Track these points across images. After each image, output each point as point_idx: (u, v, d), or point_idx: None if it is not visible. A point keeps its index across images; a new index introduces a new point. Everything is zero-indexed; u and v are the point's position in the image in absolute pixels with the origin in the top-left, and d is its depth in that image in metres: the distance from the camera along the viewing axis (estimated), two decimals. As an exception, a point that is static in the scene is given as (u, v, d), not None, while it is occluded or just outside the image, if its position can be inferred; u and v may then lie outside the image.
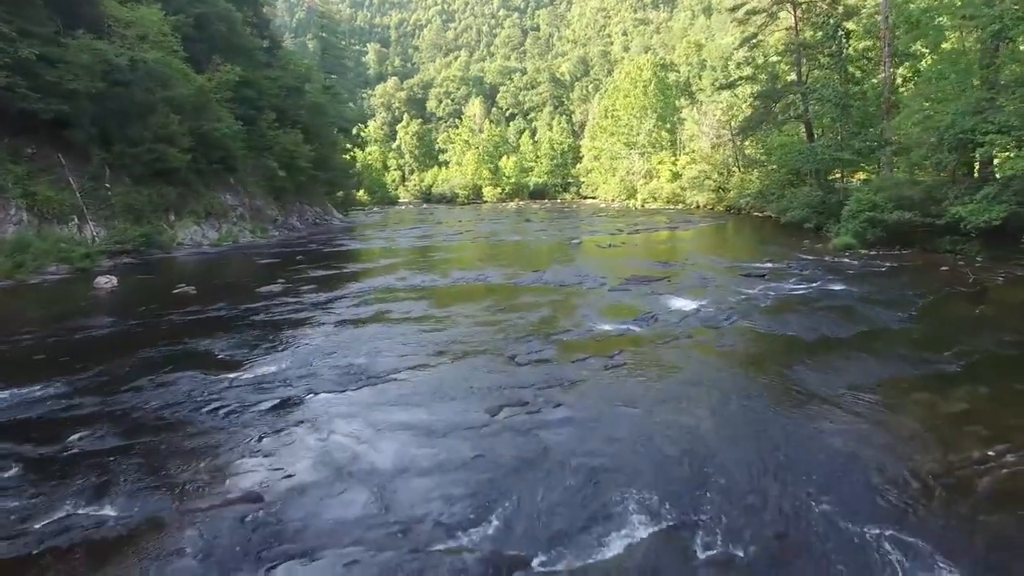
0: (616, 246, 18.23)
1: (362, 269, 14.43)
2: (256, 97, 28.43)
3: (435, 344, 7.45)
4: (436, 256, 16.73)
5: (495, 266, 14.56)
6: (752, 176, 32.31)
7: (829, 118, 20.06)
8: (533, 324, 8.44)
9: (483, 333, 7.97)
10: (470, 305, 10.03)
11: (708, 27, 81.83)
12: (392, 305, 10.11)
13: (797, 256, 15.56)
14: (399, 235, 24.76)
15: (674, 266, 14.20)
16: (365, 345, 7.47)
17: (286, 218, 28.01)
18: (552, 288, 11.53)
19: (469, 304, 10.14)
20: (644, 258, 16.02)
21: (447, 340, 7.64)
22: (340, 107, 39.18)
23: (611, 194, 55.46)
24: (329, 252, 18.43)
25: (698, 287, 11.35)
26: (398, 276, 13.22)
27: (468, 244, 20.08)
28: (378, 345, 7.46)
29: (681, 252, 17.15)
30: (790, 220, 22.42)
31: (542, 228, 26.70)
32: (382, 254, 17.51)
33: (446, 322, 8.72)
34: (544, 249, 18.18)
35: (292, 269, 14.60)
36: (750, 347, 7.25)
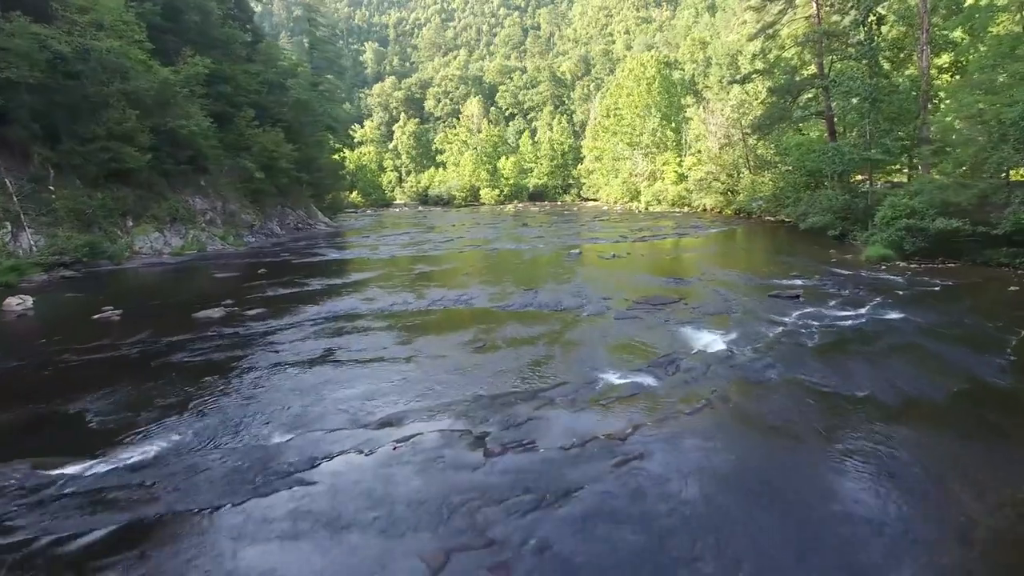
0: (620, 257, 16.28)
1: (327, 286, 12.49)
2: (233, 93, 26.56)
3: (382, 409, 5.50)
4: (417, 269, 14.80)
5: (482, 283, 12.61)
6: (764, 178, 30.32)
7: (856, 114, 18.08)
8: (518, 373, 6.49)
9: (450, 389, 6.02)
10: (443, 341, 8.08)
11: (712, 24, 79.85)
12: (347, 340, 8.17)
13: (828, 270, 13.63)
14: (384, 242, 22.82)
15: (688, 283, 12.24)
16: (288, 413, 5.53)
17: (265, 223, 26.09)
18: (547, 314, 9.59)
19: (442, 339, 8.20)
20: (653, 272, 14.06)
21: (399, 402, 5.69)
22: (329, 105, 37.28)
23: (613, 196, 53.48)
24: (299, 264, 16.50)
25: (721, 313, 9.40)
26: (366, 296, 11.28)
27: (456, 254, 18.14)
28: (305, 412, 5.51)
29: (694, 264, 15.19)
30: (810, 227, 20.47)
31: (540, 234, 24.75)
32: (357, 266, 15.58)
33: (405, 370, 6.76)
34: (540, 261, 16.23)
35: (249, 286, 12.67)
36: (813, 419, 5.27)
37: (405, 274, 13.93)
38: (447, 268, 14.90)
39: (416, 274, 13.93)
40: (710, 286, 11.86)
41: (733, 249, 18.69)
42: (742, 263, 15.50)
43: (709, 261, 15.58)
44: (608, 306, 10.07)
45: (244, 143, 26.54)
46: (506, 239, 22.76)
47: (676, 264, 15.78)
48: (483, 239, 23.05)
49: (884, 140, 17.24)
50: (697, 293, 11.27)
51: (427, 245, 20.83)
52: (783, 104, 21.47)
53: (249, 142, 26.47)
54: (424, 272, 14.23)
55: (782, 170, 28.82)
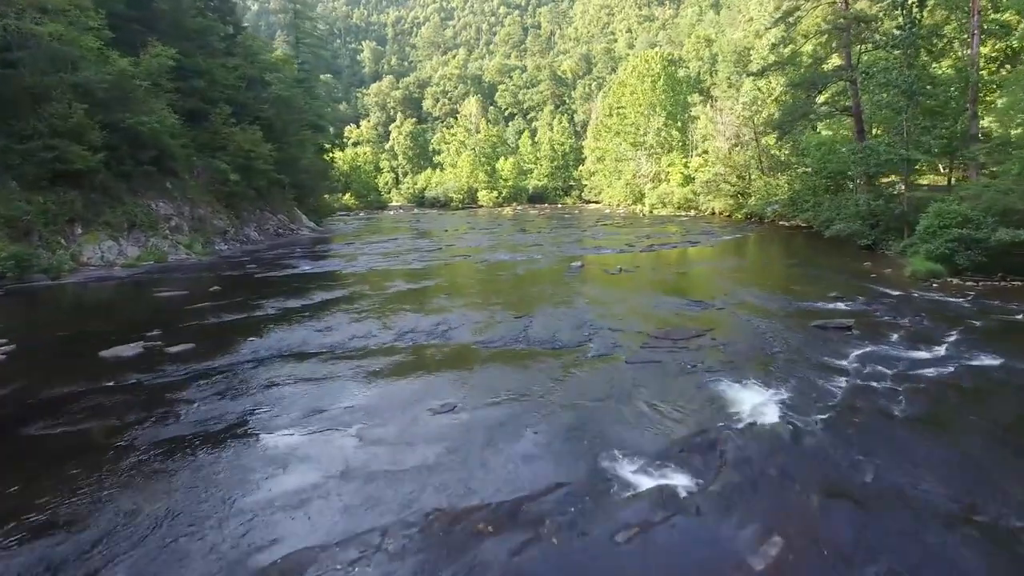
0: (628, 271, 14.29)
1: (281, 311, 10.52)
2: (207, 88, 24.64)
3: (278, 548, 3.51)
4: (393, 287, 12.82)
5: (466, 306, 10.64)
6: (779, 180, 28.35)
7: (890, 110, 16.09)
8: (492, 471, 4.50)
9: (383, 510, 4.01)
10: (398, 402, 6.09)
11: (717, 22, 78.04)
12: (274, 400, 6.19)
13: (870, 288, 11.67)
14: (366, 251, 20.85)
15: (711, 307, 10.26)
16: (140, 550, 3.53)
17: (240, 229, 24.14)
18: (540, 354, 7.62)
19: (398, 398, 6.21)
20: (667, 291, 12.08)
21: (304, 532, 3.68)
22: (315, 102, 35.37)
23: (616, 198, 51.48)
24: (261, 279, 14.53)
25: (761, 354, 7.43)
26: (323, 326, 9.31)
27: (442, 267, 16.17)
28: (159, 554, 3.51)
29: (713, 280, 13.21)
30: (836, 234, 18.50)
31: (538, 242, 22.77)
32: (326, 282, 13.60)
33: (332, 463, 4.73)
34: (537, 276, 14.26)
35: (191, 309, 10.70)
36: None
37: (378, 294, 11.95)
38: (428, 285, 12.92)
39: (391, 294, 11.95)
40: (738, 312, 9.89)
41: (753, 261, 16.70)
42: (768, 279, 13.52)
43: (730, 276, 13.60)
44: (617, 342, 8.09)
45: (219, 142, 24.62)
46: (501, 248, 20.79)
47: (693, 281, 13.80)
48: (475, 247, 21.08)
49: (925, 138, 15.27)
50: (724, 322, 9.30)
51: (412, 255, 18.86)
52: (805, 99, 19.47)
53: (225, 141, 24.54)
54: (401, 291, 12.26)
55: (798, 172, 26.88)
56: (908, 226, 16.40)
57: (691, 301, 10.77)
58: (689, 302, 10.71)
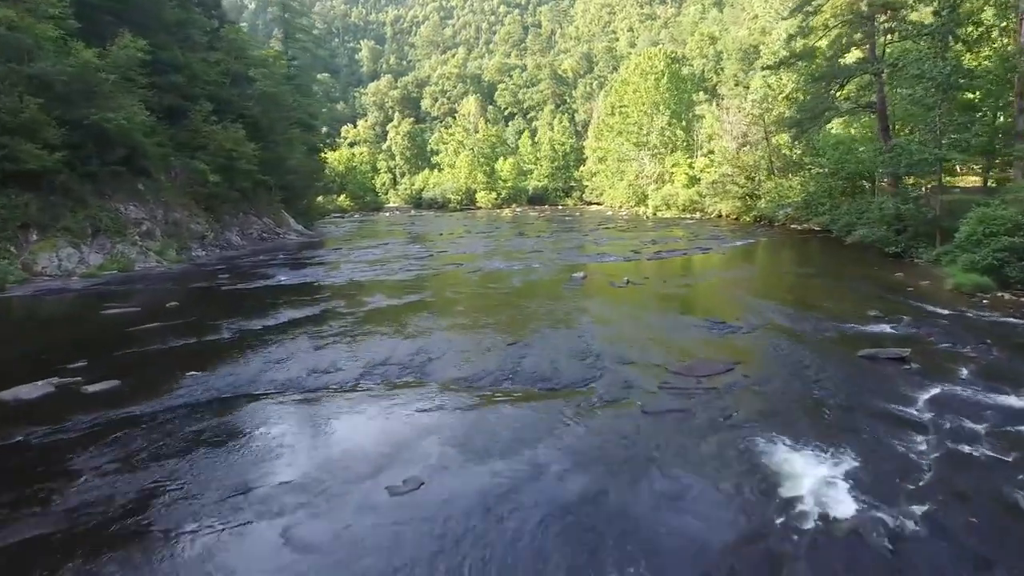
0: (636, 283, 12.87)
1: (238, 335, 9.12)
2: (187, 83, 23.25)
3: None
4: (372, 303, 11.41)
5: (451, 329, 9.23)
6: (791, 182, 26.92)
7: (921, 105, 14.68)
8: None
9: None
10: (358, 468, 4.69)
11: (721, 20, 76.71)
12: (199, 462, 4.81)
13: (912, 305, 10.28)
14: (352, 258, 19.45)
15: (737, 330, 8.84)
16: None
17: (221, 233, 22.73)
18: (535, 398, 6.23)
19: (357, 462, 4.79)
20: (684, 309, 10.67)
21: None
22: (306, 100, 33.96)
23: (618, 200, 50.04)
24: (227, 292, 13.11)
25: (807, 400, 6.06)
26: (280, 356, 7.90)
27: (431, 278, 14.75)
28: None
29: (733, 295, 11.79)
30: (859, 240, 17.07)
31: (537, 247, 21.36)
32: (299, 297, 12.18)
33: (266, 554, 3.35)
34: (535, 289, 12.85)
35: (134, 331, 9.29)
36: None
37: (354, 312, 10.53)
38: (412, 301, 11.50)
39: (368, 311, 10.53)
40: (767, 336, 8.47)
41: (772, 270, 15.28)
42: (793, 292, 12.09)
43: (750, 289, 12.18)
44: (630, 379, 6.68)
45: (199, 141, 23.22)
46: (497, 255, 19.38)
47: (709, 295, 12.37)
48: (469, 254, 19.68)
49: (963, 135, 13.85)
50: (753, 351, 7.88)
51: (401, 263, 17.46)
52: (826, 94, 18.03)
53: (205, 140, 23.14)
54: (380, 309, 10.84)
55: (812, 173, 25.48)
56: (941, 232, 14.99)
57: (711, 321, 9.36)
58: (708, 323, 9.29)
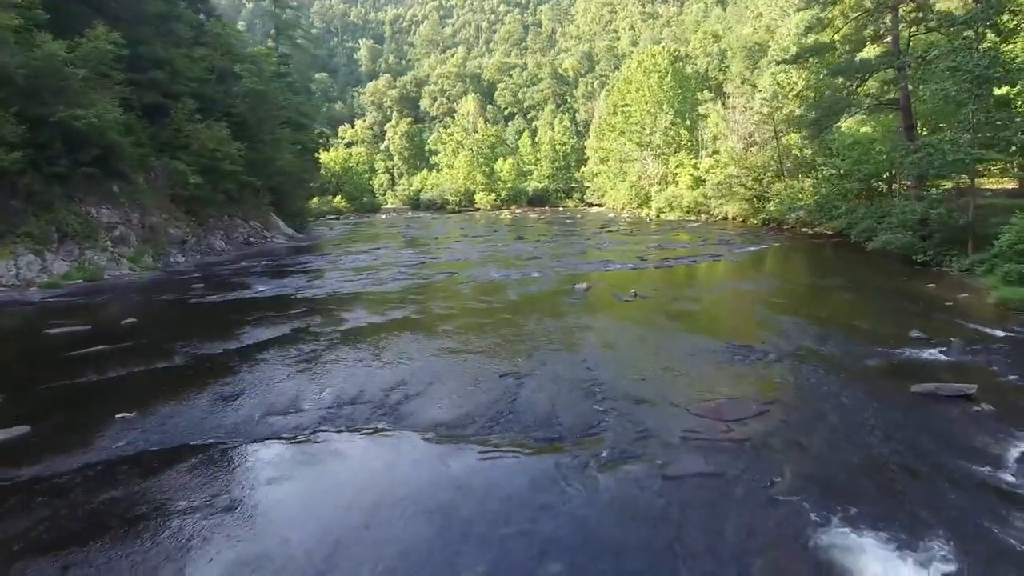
0: (644, 297, 11.70)
1: (193, 360, 7.97)
2: (168, 80, 22.11)
3: None
4: (350, 322, 10.25)
5: (437, 354, 8.06)
6: (803, 184, 25.74)
7: (953, 102, 13.50)
8: None
9: None
10: (293, 568, 3.56)
11: (724, 18, 75.52)
12: (97, 548, 3.64)
13: (958, 324, 9.13)
14: (340, 264, 18.30)
15: (764, 357, 7.67)
16: None
17: (204, 238, 21.58)
18: (529, 452, 5.07)
19: (296, 566, 3.67)
20: (699, 329, 9.49)
21: None
22: (297, 99, 32.79)
23: (620, 201, 48.86)
24: (198, 306, 11.95)
25: (864, 458, 4.86)
26: (235, 389, 6.74)
27: (421, 289, 13.58)
28: None
29: (754, 311, 10.61)
30: (882, 247, 15.89)
31: (536, 253, 20.20)
32: (271, 312, 11.00)
33: None
34: (532, 303, 11.67)
35: (74, 357, 8.14)
36: None
37: (328, 332, 9.36)
38: (396, 318, 10.33)
39: (344, 332, 9.36)
40: (802, 365, 7.30)
41: (791, 280, 14.09)
42: (820, 308, 10.91)
43: (771, 304, 10.99)
44: (645, 426, 5.53)
45: (182, 141, 22.09)
46: (494, 261, 18.22)
47: (726, 311, 11.19)
48: (465, 261, 18.52)
49: (1003, 133, 12.69)
50: (788, 386, 6.71)
51: (390, 271, 16.31)
52: (846, 91, 16.84)
53: (188, 140, 22.01)
54: (359, 328, 9.67)
55: (825, 174, 24.31)
56: (974, 239, 13.82)
57: (733, 346, 8.19)
58: (730, 347, 8.12)
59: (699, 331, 9.27)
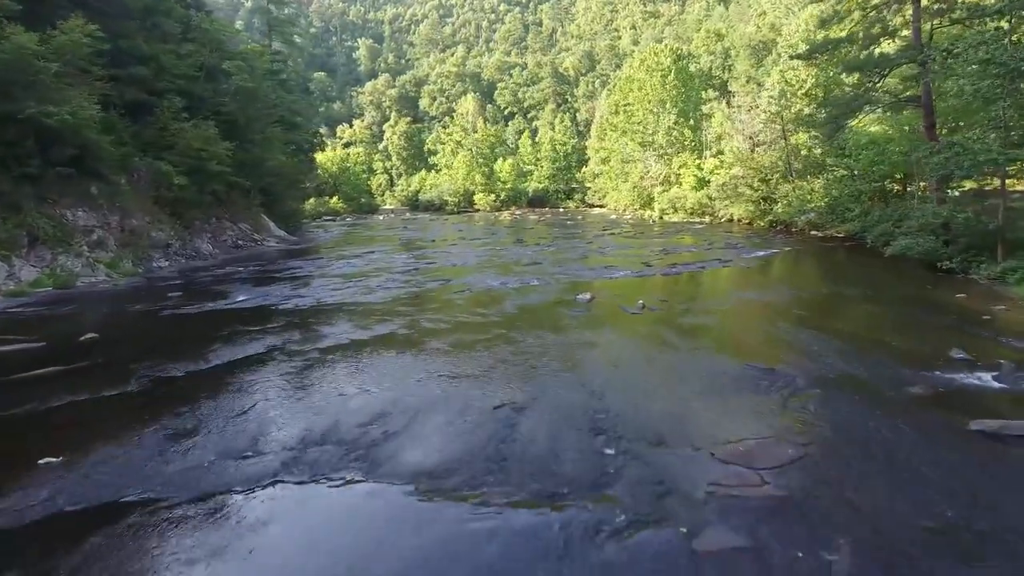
0: (653, 308, 10.81)
1: (150, 385, 7.09)
2: (153, 77, 21.26)
3: None
4: (331, 337, 9.36)
5: (421, 380, 7.16)
6: (814, 185, 24.84)
7: (982, 98, 12.60)
8: None
9: None
10: None
11: (727, 17, 74.69)
12: None
13: (1003, 341, 8.31)
14: (329, 270, 17.42)
15: (791, 383, 6.77)
16: None
17: (190, 241, 20.71)
18: (528, 509, 4.16)
19: None
20: (716, 348, 8.58)
21: None
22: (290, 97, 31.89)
23: (622, 202, 47.96)
24: (170, 318, 11.05)
25: (927, 526, 3.93)
26: (191, 423, 5.85)
27: (411, 299, 12.68)
28: None
29: (774, 326, 9.70)
30: (902, 253, 14.97)
31: (536, 258, 19.32)
32: (247, 326, 10.10)
33: None
34: (531, 316, 10.78)
35: (13, 383, 7.25)
36: None
37: (304, 351, 8.47)
38: (381, 335, 9.43)
39: (322, 352, 8.46)
40: (836, 393, 6.41)
41: (809, 289, 13.17)
42: (848, 323, 10.01)
43: (794, 318, 10.08)
44: (664, 477, 4.65)
45: (168, 140, 21.23)
46: (491, 267, 17.34)
47: (746, 327, 10.26)
48: (460, 267, 17.64)
49: (1038, 133, 11.80)
50: (825, 422, 5.79)
51: (381, 278, 15.42)
52: (864, 87, 15.93)
53: (174, 139, 21.14)
54: (340, 346, 8.77)
55: (836, 175, 23.43)
56: (1004, 244, 12.95)
57: (756, 369, 7.29)
58: (753, 371, 7.23)
59: (715, 350, 8.37)
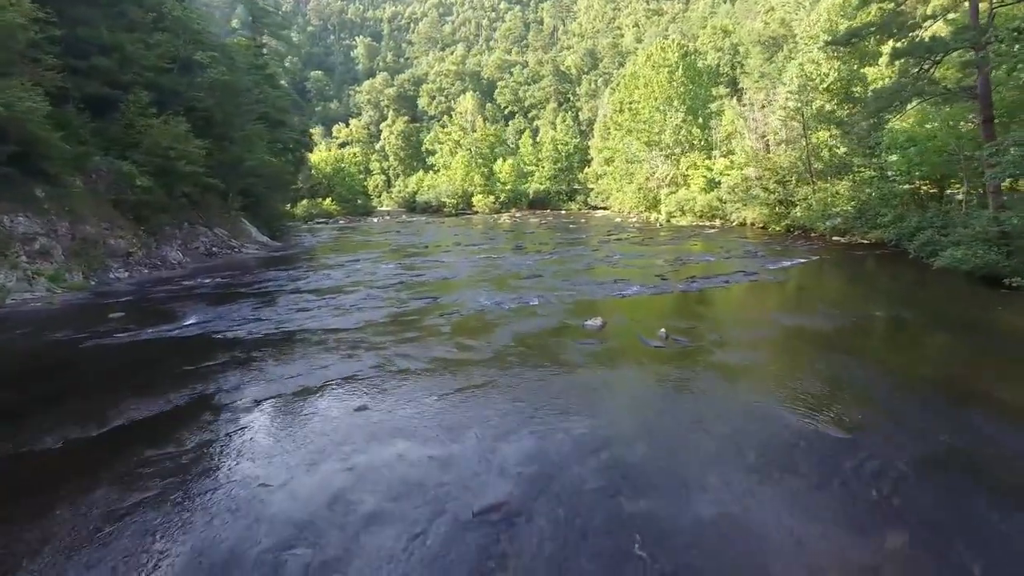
0: (679, 340, 8.88)
1: (9, 464, 5.21)
2: (117, 68, 19.41)
3: None
4: (281, 381, 7.47)
5: (371, 467, 5.26)
6: (838, 187, 22.92)
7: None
8: None
9: None
10: None
11: (733, 14, 72.79)
12: None
13: None
14: (303, 284, 15.51)
15: (884, 463, 4.83)
16: None
17: (156, 249, 18.83)
18: None
19: None
20: (761, 399, 6.62)
21: None
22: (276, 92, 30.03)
23: (627, 205, 45.98)
24: (89, 351, 9.16)
25: None
26: (36, 543, 3.95)
27: (389, 325, 10.77)
28: None
29: (838, 369, 7.75)
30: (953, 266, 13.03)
31: (537, 269, 17.41)
32: (183, 365, 8.21)
33: None
34: (529, 351, 8.86)
35: None
36: None
37: (232, 408, 6.56)
38: (335, 382, 7.50)
39: (253, 409, 6.55)
40: (945, 481, 4.49)
41: (860, 314, 11.15)
42: (927, 366, 7.99)
43: (851, 353, 8.13)
44: None
45: (134, 138, 19.38)
46: (485, 280, 15.45)
47: (795, 367, 8.23)
48: (452, 280, 15.75)
49: None
50: (946, 537, 3.89)
51: (358, 294, 13.54)
52: (915, 75, 14.00)
53: (140, 137, 19.29)
54: (276, 402, 6.85)
55: (865, 176, 21.51)
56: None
57: (824, 436, 5.37)
58: (822, 439, 5.31)
59: (769, 404, 6.44)
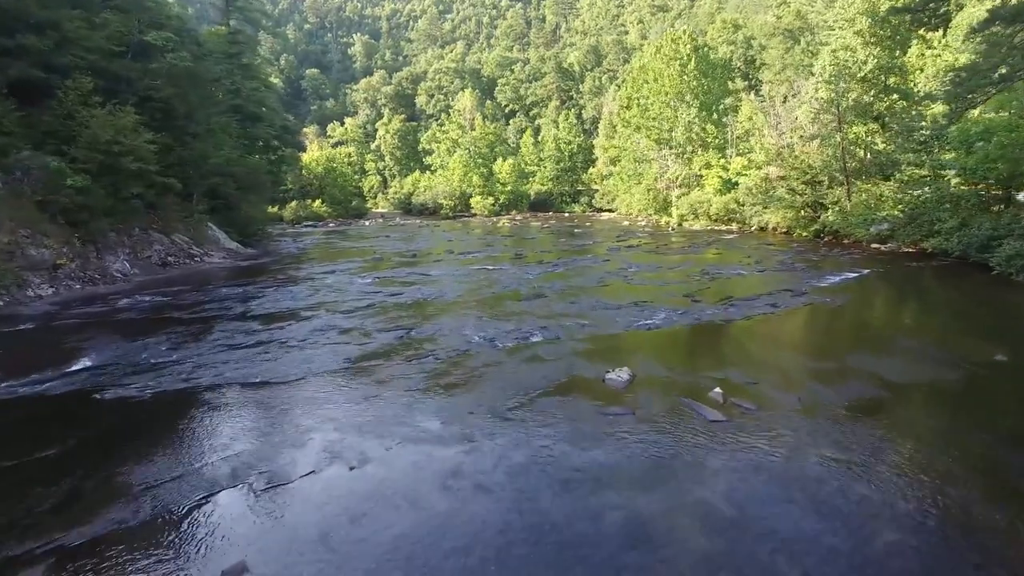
0: (745, 407, 6.18)
1: None
2: (53, 50, 16.79)
3: None
4: (174, 483, 4.83)
5: None
6: (882, 189, 20.23)
7: None
8: None
9: None
10: None
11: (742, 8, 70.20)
12: None
13: None
14: (259, 305, 12.82)
15: None
16: None
17: (96, 259, 16.18)
18: None
19: None
20: (909, 526, 3.88)
21: None
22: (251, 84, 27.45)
23: (635, 207, 43.25)
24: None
25: None
26: None
27: (332, 378, 8.08)
28: None
29: (989, 460, 5.04)
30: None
31: (539, 287, 14.71)
32: (8, 447, 5.59)
33: None
34: (530, 427, 6.18)
35: None
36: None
37: (108, 529, 3.88)
38: (236, 492, 4.85)
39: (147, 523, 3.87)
40: None
41: (981, 357, 8.40)
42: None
43: (999, 414, 5.45)
44: None
45: (72, 130, 16.76)
46: (476, 303, 12.76)
47: (933, 447, 5.50)
48: (436, 301, 13.06)
49: None
50: None
51: (317, 321, 10.87)
52: (1006, 51, 11.37)
53: (80, 129, 16.67)
54: (228, 457, 4.17)
55: (915, 176, 18.83)
56: None
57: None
58: None
59: (914, 533, 3.73)
